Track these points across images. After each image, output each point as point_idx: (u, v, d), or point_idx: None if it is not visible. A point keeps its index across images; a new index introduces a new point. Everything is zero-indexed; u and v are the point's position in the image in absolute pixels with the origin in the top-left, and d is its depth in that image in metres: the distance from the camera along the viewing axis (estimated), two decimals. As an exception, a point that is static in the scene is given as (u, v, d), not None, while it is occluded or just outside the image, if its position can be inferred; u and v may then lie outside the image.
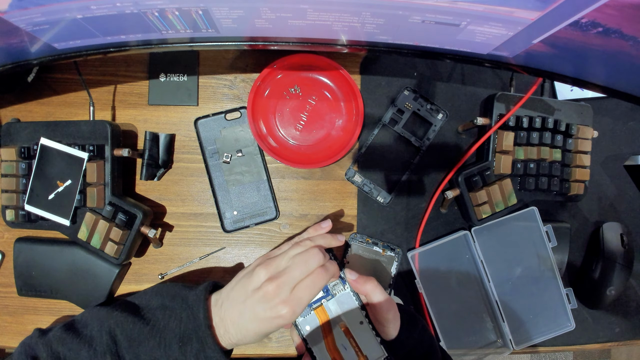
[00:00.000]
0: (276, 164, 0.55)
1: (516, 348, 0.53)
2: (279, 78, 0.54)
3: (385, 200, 0.55)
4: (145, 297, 0.41)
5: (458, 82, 0.56)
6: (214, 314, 0.38)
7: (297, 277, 0.37)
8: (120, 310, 0.39)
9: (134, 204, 0.50)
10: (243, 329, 0.37)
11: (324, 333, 0.39)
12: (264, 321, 0.36)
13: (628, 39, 0.28)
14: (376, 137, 0.55)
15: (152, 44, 0.38)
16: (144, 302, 0.40)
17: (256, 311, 0.36)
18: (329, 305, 0.40)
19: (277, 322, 0.36)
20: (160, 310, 0.39)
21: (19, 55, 0.38)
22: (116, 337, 0.37)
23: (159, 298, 0.40)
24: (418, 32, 0.34)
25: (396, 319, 0.39)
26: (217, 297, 0.39)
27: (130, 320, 0.38)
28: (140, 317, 0.38)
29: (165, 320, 0.38)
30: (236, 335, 0.37)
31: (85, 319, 0.40)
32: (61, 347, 0.37)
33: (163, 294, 0.41)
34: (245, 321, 0.37)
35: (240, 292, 0.38)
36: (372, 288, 0.39)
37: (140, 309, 0.40)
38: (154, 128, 0.55)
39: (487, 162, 0.52)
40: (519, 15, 0.29)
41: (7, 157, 0.51)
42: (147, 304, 0.40)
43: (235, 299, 0.38)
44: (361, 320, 0.39)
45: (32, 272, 0.52)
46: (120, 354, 0.37)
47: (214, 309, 0.38)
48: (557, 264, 0.54)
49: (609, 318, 0.57)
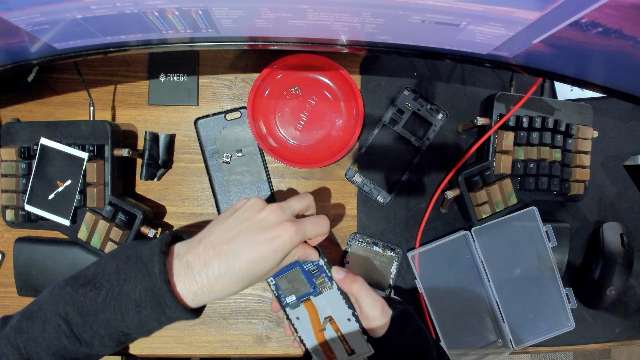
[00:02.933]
0: (276, 164, 0.55)
1: (516, 348, 0.53)
2: (279, 78, 0.54)
3: (385, 200, 0.55)
4: (100, 262, 0.37)
5: (458, 82, 0.56)
6: (183, 255, 0.34)
7: (296, 208, 0.36)
8: (72, 284, 0.34)
9: (134, 204, 0.50)
10: (233, 255, 0.33)
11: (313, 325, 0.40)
12: (262, 242, 0.33)
13: (628, 39, 0.28)
14: (376, 137, 0.55)
15: (152, 44, 0.38)
16: (98, 268, 0.36)
17: (254, 231, 0.34)
18: (317, 301, 0.40)
19: (278, 241, 0.34)
20: (115, 275, 0.34)
21: (19, 55, 0.38)
22: (68, 316, 0.33)
23: (113, 261, 0.35)
24: (418, 32, 0.34)
25: (384, 317, 0.39)
26: (192, 239, 0.35)
27: (81, 292, 0.33)
28: (92, 286, 0.34)
29: (120, 284, 0.33)
30: (220, 267, 0.33)
31: (42, 300, 0.36)
32: (19, 339, 0.34)
33: (118, 255, 0.36)
34: (238, 245, 0.33)
35: (231, 220, 0.35)
36: (358, 288, 0.39)
37: (94, 276, 0.35)
38: (154, 128, 0.55)
39: (487, 162, 0.52)
40: (519, 15, 0.29)
41: (7, 157, 0.51)
42: (102, 269, 0.35)
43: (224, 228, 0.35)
44: (348, 318, 0.40)
45: (32, 272, 0.52)
46: (77, 332, 0.33)
47: (182, 252, 0.34)
48: (557, 264, 0.54)
49: (609, 318, 0.57)
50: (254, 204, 0.36)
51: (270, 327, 0.54)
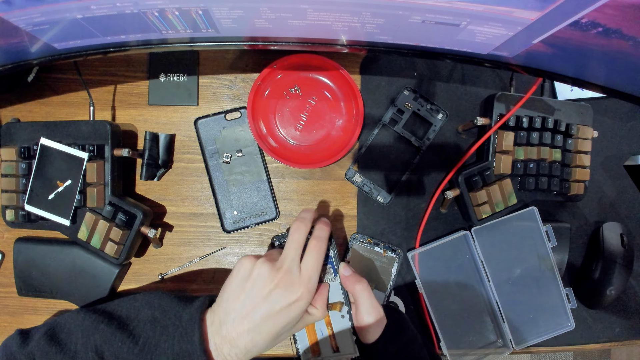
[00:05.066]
0: (276, 164, 0.55)
1: (516, 348, 0.53)
2: (279, 78, 0.54)
3: (385, 200, 0.55)
4: (135, 305, 0.38)
5: (458, 82, 0.56)
6: (212, 335, 0.35)
7: (295, 255, 0.37)
8: (107, 322, 0.36)
9: (134, 204, 0.50)
10: (257, 335, 0.34)
11: None
12: (280, 314, 0.34)
13: (628, 39, 0.28)
14: (376, 137, 0.55)
15: (152, 44, 0.38)
16: (132, 312, 0.37)
17: (270, 307, 0.34)
18: None
19: (295, 308, 0.35)
20: (151, 325, 0.36)
21: (19, 55, 0.38)
22: (104, 355, 0.34)
23: (149, 309, 0.37)
24: (418, 32, 0.34)
25: (377, 326, 0.39)
26: (213, 317, 0.36)
27: (119, 337, 0.35)
28: (129, 333, 0.35)
29: (156, 338, 0.35)
30: (247, 347, 0.34)
31: (69, 327, 0.37)
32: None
33: (154, 305, 0.38)
34: (258, 326, 0.34)
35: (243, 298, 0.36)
36: (360, 290, 0.39)
37: (129, 320, 0.37)
38: (154, 128, 0.55)
39: (487, 162, 0.52)
40: (519, 15, 0.29)
41: (7, 157, 0.51)
42: (137, 315, 0.37)
43: (239, 308, 0.35)
44: (343, 315, 0.40)
45: (32, 272, 0.52)
46: None
47: (210, 329, 0.35)
48: (557, 264, 0.54)
49: (609, 318, 0.57)
50: (260, 274, 0.36)
51: (270, 327, 0.54)
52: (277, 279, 0.35)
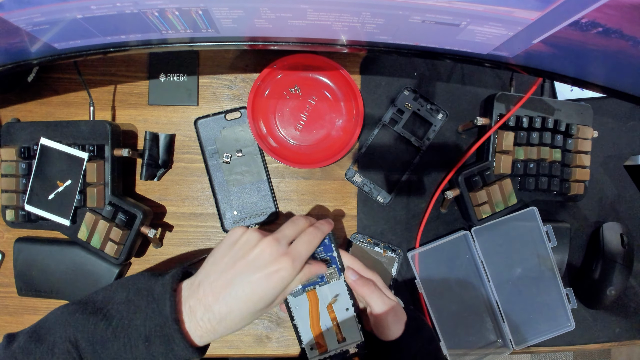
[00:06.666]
0: (276, 164, 0.55)
1: (516, 348, 0.53)
2: (279, 78, 0.54)
3: (385, 200, 0.55)
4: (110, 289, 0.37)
5: (458, 82, 0.56)
6: (186, 299, 0.34)
7: (290, 234, 0.37)
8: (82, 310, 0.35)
9: (134, 204, 0.50)
10: (232, 299, 0.34)
11: (311, 313, 0.40)
12: (260, 281, 0.34)
13: (628, 39, 0.28)
14: (376, 137, 0.55)
15: (152, 44, 0.38)
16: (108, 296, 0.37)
17: (250, 270, 0.34)
18: (321, 290, 0.41)
19: (276, 277, 0.34)
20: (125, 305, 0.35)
21: (19, 55, 0.38)
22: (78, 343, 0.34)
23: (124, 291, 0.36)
24: (418, 32, 0.34)
25: (396, 322, 0.39)
26: (192, 281, 0.36)
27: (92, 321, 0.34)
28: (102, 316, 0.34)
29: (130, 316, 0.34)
30: (220, 312, 0.34)
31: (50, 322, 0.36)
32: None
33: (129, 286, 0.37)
34: (235, 289, 0.34)
35: (226, 260, 0.35)
36: (369, 293, 0.39)
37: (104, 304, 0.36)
38: (154, 128, 0.55)
39: (487, 162, 0.52)
40: (519, 15, 0.29)
41: (7, 157, 0.51)
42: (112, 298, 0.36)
43: (220, 270, 0.35)
44: (347, 308, 0.40)
45: (32, 272, 0.52)
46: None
47: (185, 295, 0.35)
48: (557, 264, 0.54)
49: (609, 318, 0.57)
50: (248, 239, 0.36)
51: (270, 327, 0.54)
52: (263, 244, 0.35)
